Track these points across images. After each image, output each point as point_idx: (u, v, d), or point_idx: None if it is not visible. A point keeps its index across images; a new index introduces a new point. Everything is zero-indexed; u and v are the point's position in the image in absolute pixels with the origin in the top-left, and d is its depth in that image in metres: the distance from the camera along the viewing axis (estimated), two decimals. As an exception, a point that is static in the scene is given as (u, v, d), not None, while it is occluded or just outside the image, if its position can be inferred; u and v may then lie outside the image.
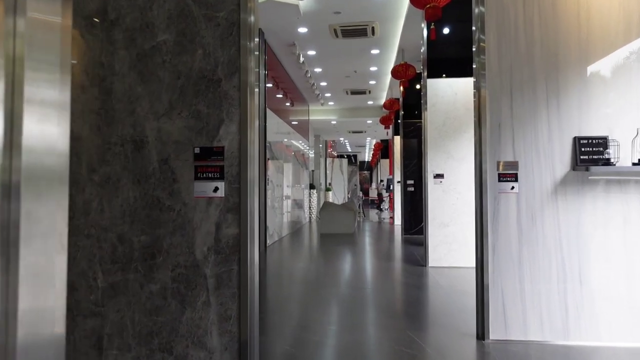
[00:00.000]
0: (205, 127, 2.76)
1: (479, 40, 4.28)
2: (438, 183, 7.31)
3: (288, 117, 12.34)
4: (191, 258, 2.73)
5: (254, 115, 2.81)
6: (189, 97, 2.77)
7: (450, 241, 7.26)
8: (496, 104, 4.24)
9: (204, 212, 2.72)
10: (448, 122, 7.32)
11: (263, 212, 9.14)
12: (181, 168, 2.75)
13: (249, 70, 2.79)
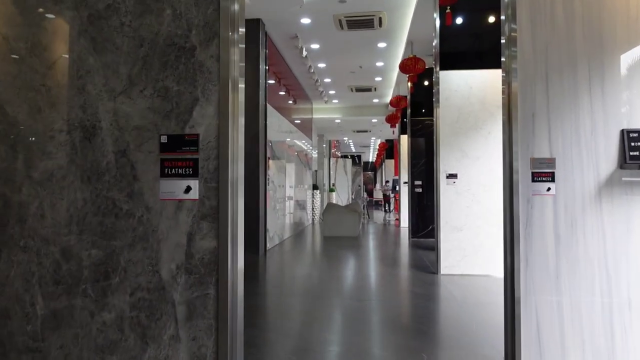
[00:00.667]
0: (174, 109, 2.09)
1: (510, 15, 3.60)
2: (451, 184, 6.63)
3: (290, 115, 11.67)
4: (155, 279, 2.06)
5: (238, 95, 2.14)
6: (154, 71, 2.11)
7: (464, 247, 6.57)
8: (529, 91, 3.54)
9: (173, 219, 2.06)
10: (462, 117, 6.64)
11: (263, 214, 8.48)
12: (143, 162, 2.09)
13: (231, 36, 2.11)
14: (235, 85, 2.14)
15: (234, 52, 2.10)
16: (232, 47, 2.11)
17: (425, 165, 10.47)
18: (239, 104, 2.16)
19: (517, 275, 3.48)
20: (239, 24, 2.17)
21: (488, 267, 6.49)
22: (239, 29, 2.17)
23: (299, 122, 12.76)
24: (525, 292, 3.46)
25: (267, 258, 8.03)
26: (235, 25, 2.14)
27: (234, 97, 2.11)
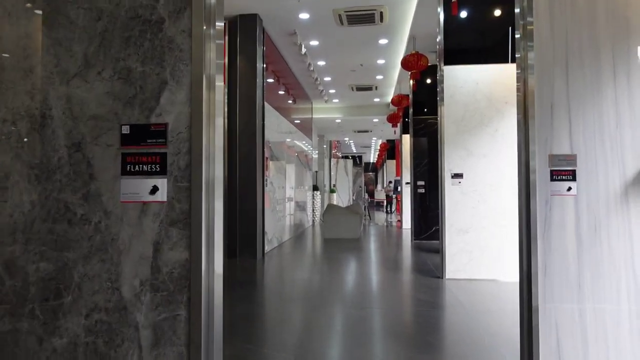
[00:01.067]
0: (138, 94, 1.73)
1: (525, 3, 3.24)
2: (456, 184, 6.26)
3: (290, 115, 11.31)
4: (115, 297, 1.70)
5: (215, 78, 1.77)
6: (114, 48, 1.75)
7: (470, 250, 6.20)
8: (547, 80, 3.17)
9: (136, 226, 1.70)
10: (468, 115, 6.27)
11: (261, 216, 8.11)
12: (101, 157, 1.74)
13: (206, 6, 1.74)
14: (211, 66, 1.77)
15: (209, 26, 1.74)
16: (208, 21, 1.75)
17: (428, 165, 10.10)
18: (216, 89, 1.80)
19: (535, 282, 3.12)
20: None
21: (495, 271, 6.11)
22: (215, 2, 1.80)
23: (298, 122, 12.39)
24: (544, 300, 3.09)
25: (265, 262, 7.66)
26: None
27: (209, 81, 1.74)
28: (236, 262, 7.48)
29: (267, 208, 8.70)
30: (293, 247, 9.44)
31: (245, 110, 7.87)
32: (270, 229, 8.86)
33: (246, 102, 7.87)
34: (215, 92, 1.80)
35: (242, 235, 7.79)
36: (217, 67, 1.81)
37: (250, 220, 7.79)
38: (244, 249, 7.79)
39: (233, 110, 7.89)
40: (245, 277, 6.39)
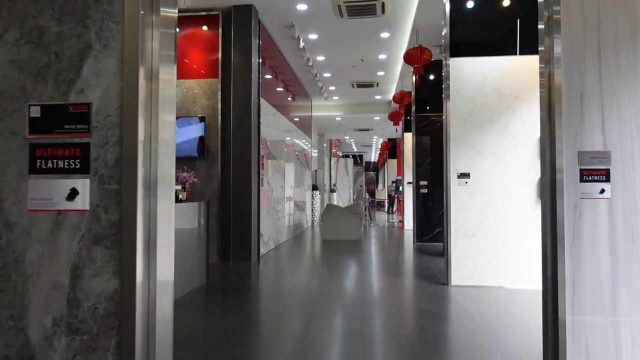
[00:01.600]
0: (53, 62, 1.27)
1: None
2: (463, 184, 5.77)
3: (288, 112, 10.82)
4: (19, 341, 1.24)
5: (158, 71, 1.29)
6: (20, 1, 1.28)
7: (478, 255, 5.71)
8: (577, 70, 2.69)
9: (48, 243, 1.23)
10: (476, 110, 5.78)
11: (256, 217, 7.63)
12: (2, 150, 1.27)
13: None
14: (153, 57, 1.30)
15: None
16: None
17: (431, 165, 9.61)
18: (160, 82, 1.32)
19: (561, 293, 2.64)
20: None
21: (504, 278, 5.62)
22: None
23: (297, 120, 11.91)
24: (572, 312, 2.62)
25: (260, 265, 7.18)
26: None
27: (149, 44, 1.26)
28: (229, 266, 7.00)
29: (264, 208, 8.22)
30: (290, 249, 8.96)
31: (239, 106, 7.38)
32: (267, 230, 8.38)
33: (240, 98, 7.39)
34: (159, 85, 1.34)
35: (235, 237, 7.31)
36: (160, 58, 1.34)
37: (245, 221, 7.32)
38: (238, 252, 7.31)
39: (226, 107, 7.41)
40: (236, 282, 5.91)
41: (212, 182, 7.38)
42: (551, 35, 2.73)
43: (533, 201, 5.63)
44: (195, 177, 5.80)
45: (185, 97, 7.47)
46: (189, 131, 7.30)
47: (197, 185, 7.34)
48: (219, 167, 7.38)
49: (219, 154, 7.38)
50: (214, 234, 7.36)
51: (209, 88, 7.44)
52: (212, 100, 7.42)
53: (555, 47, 2.71)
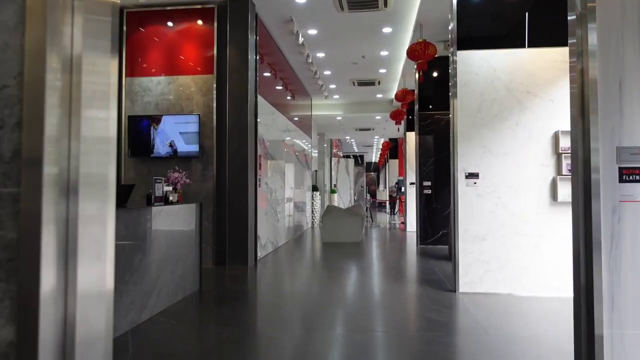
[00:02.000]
0: None
1: None
2: (471, 185, 5.39)
3: (287, 111, 10.45)
4: None
5: (81, 60, 0.92)
6: None
7: (488, 259, 5.33)
8: (614, 55, 2.33)
9: None
10: (485, 106, 5.40)
11: (253, 220, 7.26)
12: None
13: None
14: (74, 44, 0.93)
15: None
16: None
17: (434, 164, 9.23)
18: (83, 72, 0.95)
19: (598, 305, 2.28)
20: None
21: (516, 285, 5.24)
22: None
23: (297, 120, 11.54)
24: (610, 326, 2.26)
25: (257, 270, 6.81)
26: None
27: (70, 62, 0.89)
28: (225, 271, 6.62)
29: (261, 210, 7.85)
30: (289, 252, 8.58)
31: (235, 104, 7.01)
32: (264, 232, 8.01)
33: (236, 95, 7.02)
34: (81, 76, 0.98)
35: (231, 240, 6.94)
36: (85, 46, 0.98)
37: (241, 224, 6.94)
38: (234, 256, 6.94)
39: (222, 104, 7.04)
40: (231, 288, 5.53)
41: (207, 183, 7.01)
42: (584, 25, 2.36)
43: (547, 202, 5.26)
44: (187, 177, 5.43)
45: (179, 94, 7.10)
46: (184, 129, 6.93)
47: (192, 186, 6.97)
48: (214, 167, 7.01)
49: (214, 153, 7.01)
50: (208, 237, 6.99)
51: (203, 85, 7.07)
52: (207, 97, 7.05)
53: (590, 37, 2.34)
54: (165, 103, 7.12)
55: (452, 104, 5.52)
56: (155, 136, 6.98)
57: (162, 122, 6.97)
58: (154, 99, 7.14)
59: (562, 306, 4.77)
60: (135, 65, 7.20)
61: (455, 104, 5.45)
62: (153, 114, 7.08)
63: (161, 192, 4.96)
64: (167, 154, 6.95)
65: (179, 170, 5.60)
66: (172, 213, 4.86)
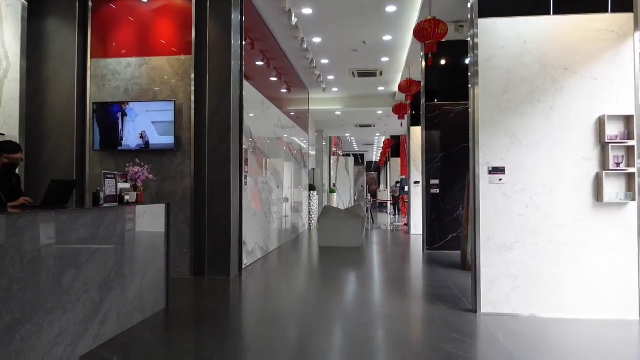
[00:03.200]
0: None
1: None
2: (496, 182, 4.35)
3: (282, 104, 9.41)
4: None
5: None
6: None
7: (516, 273, 4.29)
8: None
9: None
10: (512, 86, 4.36)
11: (238, 223, 6.23)
12: None
13: None
14: None
15: None
16: None
17: (443, 161, 8.19)
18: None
19: None
20: None
21: (552, 305, 4.21)
22: None
23: (293, 115, 10.51)
24: None
25: (241, 281, 5.77)
26: None
27: None
28: (203, 282, 5.59)
29: (251, 211, 6.83)
30: (280, 259, 7.54)
31: (216, 90, 5.98)
32: (252, 237, 6.97)
33: (218, 80, 5.98)
34: None
35: (211, 246, 5.91)
36: None
37: (223, 228, 5.91)
38: (215, 264, 5.90)
39: (201, 90, 6.01)
40: (206, 306, 4.49)
41: (184, 180, 5.98)
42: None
43: (589, 204, 4.22)
44: (150, 172, 4.40)
45: (153, 77, 6.07)
46: (157, 118, 5.91)
47: (166, 183, 5.94)
48: (192, 162, 5.98)
49: (192, 147, 5.98)
50: (186, 242, 5.96)
51: (180, 67, 6.04)
52: (184, 81, 6.02)
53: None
54: (136, 88, 6.08)
55: (471, 85, 4.48)
56: (124, 126, 5.95)
57: (132, 110, 5.94)
58: (123, 83, 6.11)
59: (610, 332, 3.74)
60: (102, 44, 6.17)
61: (475, 84, 4.40)
62: (122, 100, 6.05)
63: (114, 190, 3.93)
64: (138, 146, 5.92)
65: (140, 163, 4.56)
66: (123, 217, 3.82)
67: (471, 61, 4.49)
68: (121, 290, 3.73)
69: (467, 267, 6.37)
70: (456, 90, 8.14)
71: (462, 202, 8.04)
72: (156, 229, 4.37)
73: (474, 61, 4.42)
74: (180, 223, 5.96)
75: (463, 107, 8.08)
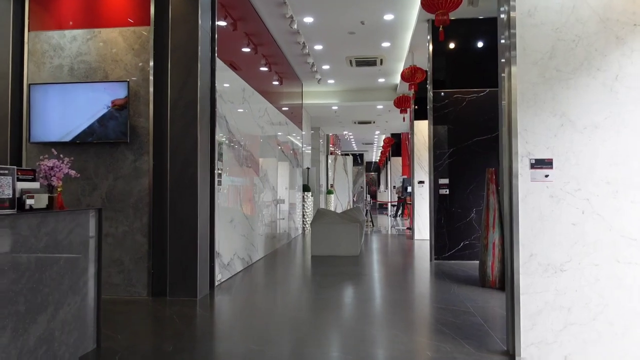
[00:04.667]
0: None
1: None
2: (540, 179, 3.13)
3: (271, 96, 8.19)
4: None
5: None
6: None
7: (569, 304, 3.06)
8: None
9: None
10: (562, 49, 3.14)
11: (209, 231, 5.02)
12: None
13: None
14: None
15: None
16: None
17: (453, 157, 6.97)
18: None
19: None
20: None
21: (623, 349, 2.98)
22: None
23: (285, 109, 9.30)
24: None
25: (211, 303, 4.56)
26: None
27: None
28: (161, 307, 4.36)
29: (229, 215, 5.63)
30: (263, 273, 6.31)
31: (180, 68, 4.77)
32: (229, 247, 5.75)
33: (182, 55, 4.77)
34: None
35: (174, 260, 4.69)
36: None
37: (188, 237, 4.69)
38: (178, 282, 4.69)
39: (162, 69, 4.81)
40: (155, 344, 3.26)
41: (141, 179, 4.77)
42: None
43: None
44: (69, 167, 3.18)
45: (103, 53, 4.86)
46: (107, 102, 4.70)
47: (118, 183, 4.74)
48: (150, 157, 4.77)
49: (151, 138, 4.78)
50: (142, 256, 4.74)
51: (136, 41, 4.83)
52: (141, 57, 4.82)
53: None
54: (83, 67, 4.88)
55: (505, 48, 3.26)
56: (67, 113, 4.75)
57: (76, 93, 4.73)
58: (67, 61, 4.90)
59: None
60: (42, 14, 4.96)
61: (511, 46, 3.18)
62: (67, 81, 4.85)
63: (9, 192, 2.72)
64: (84, 137, 4.71)
65: (58, 156, 3.33)
66: (5, 233, 2.60)
67: (504, 15, 3.26)
68: (10, 337, 2.51)
69: (489, 284, 5.15)
70: (469, 75, 6.94)
71: (475, 204, 6.82)
72: (78, 245, 3.14)
73: (508, 15, 3.20)
74: (136, 232, 4.75)
75: (477, 95, 6.88)
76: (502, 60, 3.29)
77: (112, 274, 4.77)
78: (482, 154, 6.80)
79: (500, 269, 5.11)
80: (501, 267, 5.10)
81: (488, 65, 6.80)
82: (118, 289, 4.76)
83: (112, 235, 4.78)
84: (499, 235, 5.16)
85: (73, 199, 4.81)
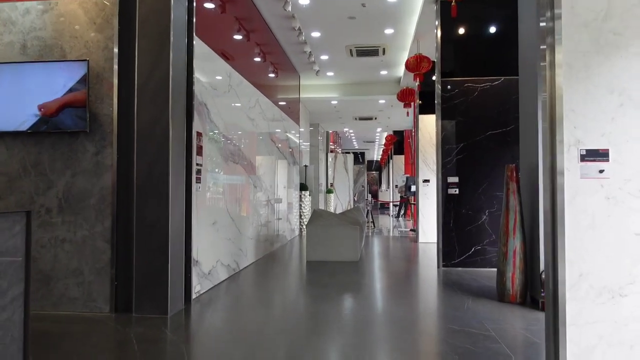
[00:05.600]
0: None
1: None
2: (592, 175, 2.38)
3: (265, 88, 7.46)
4: None
5: None
6: None
7: (632, 339, 2.31)
8: None
9: None
10: (620, 7, 2.39)
11: (184, 236, 4.28)
12: None
13: None
14: None
15: None
16: None
17: (463, 153, 6.21)
18: None
19: None
20: None
21: None
22: None
23: (281, 103, 8.56)
24: None
25: (185, 321, 3.81)
26: None
27: None
28: (123, 327, 3.62)
29: (210, 218, 4.90)
30: (249, 283, 5.56)
31: (149, 47, 4.02)
32: (211, 253, 5.00)
33: (152, 33, 4.03)
34: None
35: (141, 270, 3.95)
36: None
37: (157, 243, 3.95)
38: (146, 296, 3.94)
39: (128, 46, 4.07)
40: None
41: (103, 176, 4.03)
42: None
43: None
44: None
45: (59, 29, 4.12)
46: (63, 86, 3.97)
47: (77, 180, 4.01)
48: (114, 150, 4.03)
49: (115, 127, 4.04)
50: (103, 266, 4.01)
51: (99, 14, 4.09)
52: (104, 34, 4.08)
53: None
54: (37, 44, 4.14)
55: (546, 4, 2.51)
56: (16, 98, 4.01)
57: (29, 75, 4.00)
58: (19, 37, 4.16)
59: None
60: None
61: (555, 4, 2.43)
62: (17, 60, 4.11)
63: None
64: (35, 126, 3.98)
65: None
66: None
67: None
68: None
69: (508, 298, 4.39)
70: (482, 63, 6.19)
71: (488, 205, 6.07)
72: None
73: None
74: (97, 237, 4.01)
75: (490, 84, 6.12)
76: (542, 24, 2.54)
77: (70, 287, 4.03)
78: (496, 150, 6.05)
79: (523, 280, 4.35)
80: (523, 279, 4.35)
81: (503, 51, 6.06)
82: (76, 303, 4.03)
83: (70, 240, 4.04)
84: (520, 242, 4.39)
85: (25, 198, 4.08)
